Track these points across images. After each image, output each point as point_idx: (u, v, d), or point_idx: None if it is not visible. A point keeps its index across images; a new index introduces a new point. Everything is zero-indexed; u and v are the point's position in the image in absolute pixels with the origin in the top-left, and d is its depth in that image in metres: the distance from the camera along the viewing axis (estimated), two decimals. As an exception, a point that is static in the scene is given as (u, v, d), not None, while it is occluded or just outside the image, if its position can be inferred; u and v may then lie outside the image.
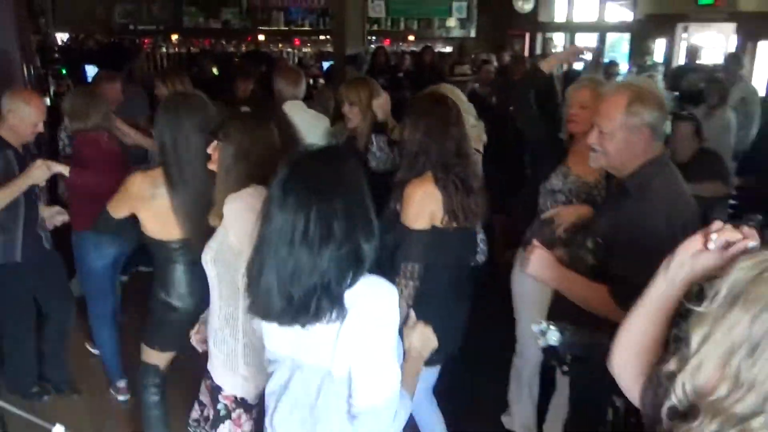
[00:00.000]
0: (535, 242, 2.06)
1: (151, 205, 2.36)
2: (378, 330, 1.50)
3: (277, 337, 1.59)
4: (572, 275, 2.03)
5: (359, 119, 3.25)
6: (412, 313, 1.72)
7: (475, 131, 3.30)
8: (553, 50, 11.57)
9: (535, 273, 2.03)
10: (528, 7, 11.60)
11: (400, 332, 1.64)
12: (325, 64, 9.88)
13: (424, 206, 2.31)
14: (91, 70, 8.28)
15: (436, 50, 10.29)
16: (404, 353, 1.67)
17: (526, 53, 11.16)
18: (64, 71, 8.58)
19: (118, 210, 2.43)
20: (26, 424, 1.66)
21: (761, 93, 6.42)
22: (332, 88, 6.83)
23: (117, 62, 6.88)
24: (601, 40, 10.44)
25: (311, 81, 8.80)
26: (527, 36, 11.67)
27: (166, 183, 2.33)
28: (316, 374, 1.55)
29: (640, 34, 9.45)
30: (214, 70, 8.25)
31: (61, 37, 10.34)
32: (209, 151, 2.10)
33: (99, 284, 3.49)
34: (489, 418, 3.34)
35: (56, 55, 9.33)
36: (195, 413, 2.19)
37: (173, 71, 4.78)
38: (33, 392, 3.42)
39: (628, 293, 1.41)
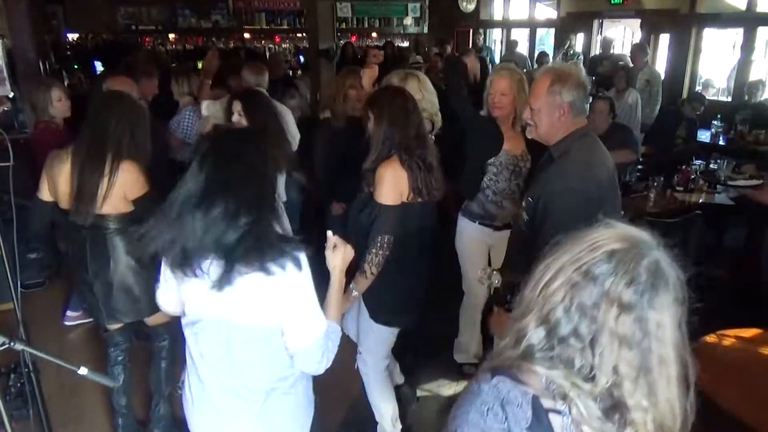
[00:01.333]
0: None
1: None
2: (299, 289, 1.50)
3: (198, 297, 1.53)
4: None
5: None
6: (330, 235, 1.68)
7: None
8: (493, 45, 11.59)
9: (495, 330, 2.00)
10: (471, 7, 11.52)
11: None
12: (302, 57, 9.78)
13: (394, 185, 2.27)
14: (99, 65, 8.05)
15: (396, 44, 10.22)
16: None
17: (470, 45, 11.12)
18: (75, 66, 8.27)
19: None
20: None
21: (662, 77, 6.55)
22: (308, 76, 6.85)
23: (119, 58, 6.67)
24: (532, 34, 10.44)
25: (290, 72, 8.70)
26: (471, 31, 11.61)
27: None
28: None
29: (563, 29, 9.47)
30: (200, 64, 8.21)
31: (72, 36, 9.93)
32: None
33: None
34: (445, 359, 3.38)
35: (68, 52, 8.98)
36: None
37: (180, 72, 4.61)
38: None
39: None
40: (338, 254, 1.65)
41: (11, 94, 5.18)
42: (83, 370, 1.42)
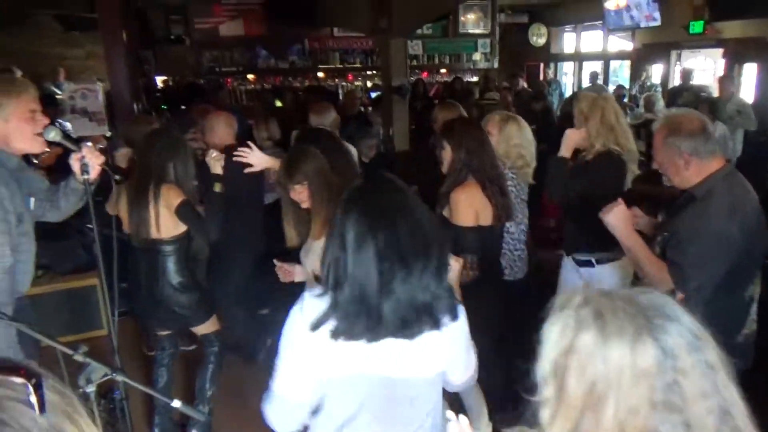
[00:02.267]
0: (620, 200, 2.05)
1: None
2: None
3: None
4: (640, 239, 2.04)
5: None
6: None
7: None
8: (564, 77, 11.44)
9: (612, 223, 2.02)
10: (541, 41, 11.46)
11: None
12: (373, 94, 9.98)
13: (469, 206, 2.37)
14: (184, 106, 8.51)
15: (465, 79, 10.28)
16: None
17: (541, 78, 11.03)
18: (164, 107, 8.78)
19: None
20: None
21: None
22: (379, 112, 6.99)
23: (201, 98, 7.08)
24: (605, 67, 10.23)
25: (362, 108, 8.90)
26: (542, 65, 11.51)
27: None
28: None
29: (639, 60, 9.21)
30: (278, 102, 8.66)
31: (160, 79, 10.57)
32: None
33: None
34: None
35: (157, 94, 9.56)
36: None
37: (263, 119, 4.79)
38: None
39: (681, 276, 1.75)
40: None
41: (109, 133, 5.56)
42: (176, 403, 1.44)
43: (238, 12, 9.01)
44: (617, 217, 2.00)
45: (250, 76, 10.07)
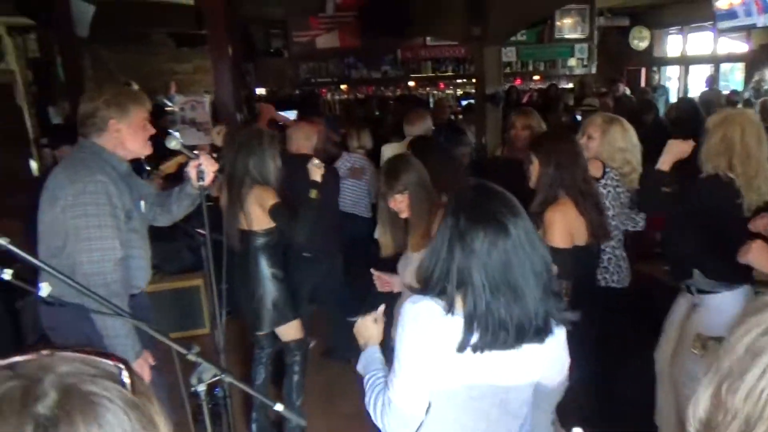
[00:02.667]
0: (758, 242, 1.90)
1: None
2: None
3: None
4: None
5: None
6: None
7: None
8: (667, 82, 10.77)
9: (756, 261, 1.90)
10: (643, 44, 10.87)
11: None
12: (464, 102, 9.89)
13: (566, 227, 2.20)
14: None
15: (560, 86, 9.94)
16: None
17: (643, 85, 10.45)
18: (263, 117, 9.17)
19: None
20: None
21: None
22: (470, 119, 6.93)
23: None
24: (716, 70, 9.53)
25: (452, 116, 8.84)
26: (643, 70, 10.91)
27: None
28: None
29: (755, 63, 8.50)
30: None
31: (259, 90, 11.05)
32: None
33: None
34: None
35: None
36: None
37: (355, 128, 4.86)
38: None
39: None
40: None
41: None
42: (279, 407, 1.47)
43: (334, 24, 9.26)
44: (761, 256, 1.86)
45: (343, 87, 10.31)
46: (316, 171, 2.87)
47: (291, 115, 8.23)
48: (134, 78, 8.52)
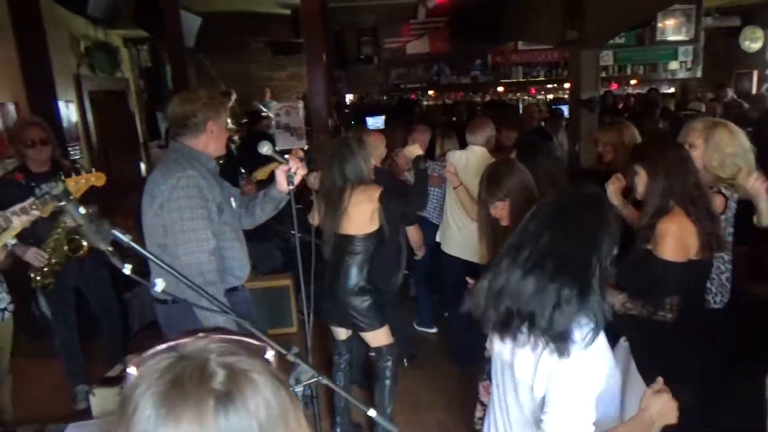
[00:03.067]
0: None
1: None
2: (569, 378, 1.32)
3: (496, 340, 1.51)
4: None
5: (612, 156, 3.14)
6: (660, 379, 1.42)
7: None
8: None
9: None
10: (756, 45, 10.03)
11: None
12: (556, 108, 9.58)
13: (680, 240, 2.03)
14: (370, 121, 8.97)
15: (660, 91, 9.38)
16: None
17: (754, 91, 9.66)
18: (353, 122, 9.36)
19: None
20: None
21: None
22: (559, 125, 6.70)
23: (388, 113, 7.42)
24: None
25: (542, 122, 8.59)
26: (755, 74, 10.08)
27: None
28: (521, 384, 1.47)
29: None
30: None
31: (348, 96, 11.27)
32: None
33: None
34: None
35: (347, 111, 10.22)
36: (478, 412, 2.15)
37: (441, 133, 4.83)
38: None
39: None
40: (659, 399, 1.37)
41: (306, 147, 6.04)
42: (372, 412, 1.46)
43: (424, 30, 9.29)
44: None
45: (431, 92, 10.30)
46: (414, 149, 3.04)
47: (378, 120, 8.36)
48: (233, 84, 8.98)
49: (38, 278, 3.42)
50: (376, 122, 8.37)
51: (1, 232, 2.51)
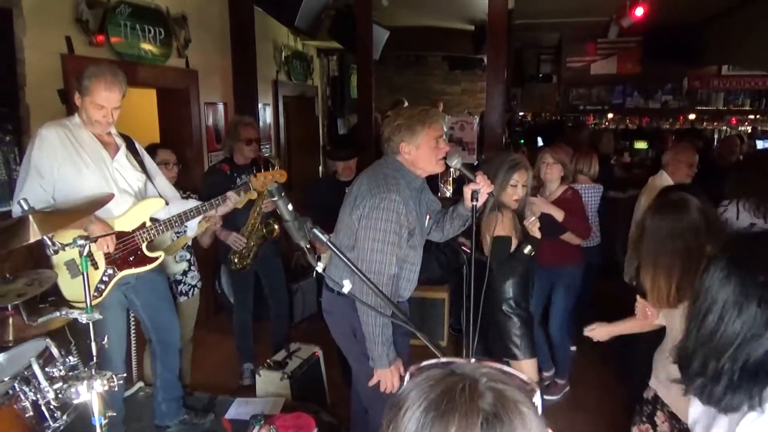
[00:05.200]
0: None
1: None
2: None
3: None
4: None
5: None
6: None
7: None
8: None
9: None
10: None
11: None
12: (759, 143, 8.41)
13: None
14: (540, 140, 8.68)
15: None
16: None
17: None
18: (522, 141, 9.13)
19: None
20: None
21: None
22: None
23: (558, 134, 7.12)
24: None
25: (740, 157, 7.60)
26: None
27: None
28: None
29: None
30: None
31: (522, 115, 11.05)
32: None
33: None
34: None
35: (518, 129, 10.01)
36: None
37: (585, 155, 4.44)
38: None
39: None
40: None
41: (476, 162, 6.02)
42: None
43: (614, 50, 8.76)
44: None
45: (610, 115, 9.68)
46: (534, 229, 2.76)
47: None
48: (409, 96, 9.27)
49: (236, 260, 3.81)
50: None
51: (203, 217, 2.86)
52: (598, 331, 2.32)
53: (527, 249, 2.73)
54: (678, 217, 1.91)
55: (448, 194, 5.83)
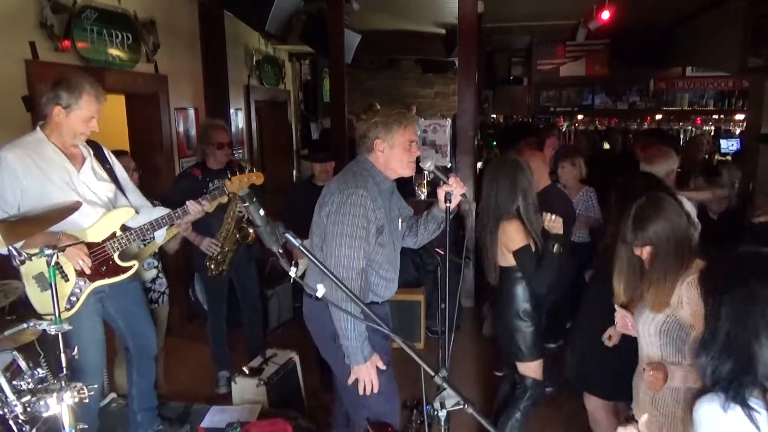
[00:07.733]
0: None
1: None
2: None
3: None
4: None
5: None
6: None
7: None
8: None
9: None
10: None
11: None
12: (723, 141, 8.66)
13: None
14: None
15: None
16: None
17: None
18: (494, 143, 9.23)
19: None
20: None
21: None
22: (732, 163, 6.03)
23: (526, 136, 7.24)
24: None
25: (707, 156, 7.81)
26: None
27: None
28: None
29: None
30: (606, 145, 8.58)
31: (494, 117, 11.16)
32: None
33: None
34: None
35: (490, 131, 10.11)
36: None
37: (571, 154, 4.59)
38: None
39: None
40: None
41: (449, 164, 6.06)
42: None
43: (582, 53, 8.92)
44: None
45: (580, 116, 9.85)
46: (556, 225, 2.75)
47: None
48: (382, 100, 9.31)
49: (212, 266, 3.76)
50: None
51: (172, 224, 2.82)
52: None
53: (555, 248, 2.74)
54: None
55: (422, 197, 5.86)
